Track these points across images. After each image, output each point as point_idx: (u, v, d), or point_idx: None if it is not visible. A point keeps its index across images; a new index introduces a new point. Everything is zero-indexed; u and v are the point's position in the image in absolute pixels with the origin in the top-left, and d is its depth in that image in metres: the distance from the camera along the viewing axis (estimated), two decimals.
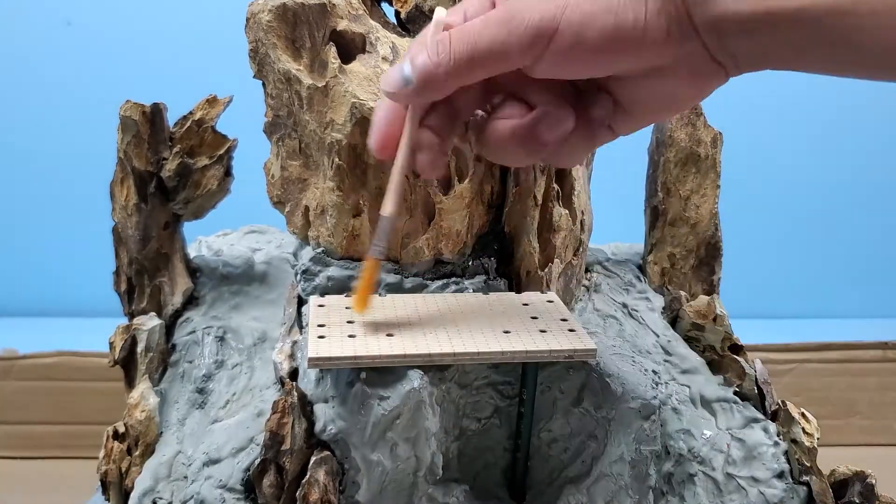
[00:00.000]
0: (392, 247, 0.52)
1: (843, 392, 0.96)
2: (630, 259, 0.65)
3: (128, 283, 0.58)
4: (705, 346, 0.57)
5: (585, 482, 0.48)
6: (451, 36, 0.36)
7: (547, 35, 0.35)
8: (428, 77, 0.37)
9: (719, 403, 0.53)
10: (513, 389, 0.49)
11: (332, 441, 0.43)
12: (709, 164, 0.60)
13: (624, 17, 0.34)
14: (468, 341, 0.44)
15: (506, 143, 0.39)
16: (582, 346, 0.44)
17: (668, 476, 0.51)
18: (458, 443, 0.49)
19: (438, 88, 0.38)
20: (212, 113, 0.56)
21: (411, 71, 0.37)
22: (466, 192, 0.50)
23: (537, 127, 0.38)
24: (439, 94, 0.38)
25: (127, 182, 0.56)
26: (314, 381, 0.45)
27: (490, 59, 0.36)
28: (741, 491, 0.49)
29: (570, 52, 0.35)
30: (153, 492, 0.47)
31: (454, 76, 0.37)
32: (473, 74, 0.37)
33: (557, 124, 0.38)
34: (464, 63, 0.36)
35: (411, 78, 0.37)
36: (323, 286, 0.51)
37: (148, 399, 0.51)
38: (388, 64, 0.50)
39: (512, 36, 0.35)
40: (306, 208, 0.53)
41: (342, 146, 0.49)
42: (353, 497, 0.44)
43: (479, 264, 0.52)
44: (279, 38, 0.50)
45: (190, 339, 0.56)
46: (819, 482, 0.49)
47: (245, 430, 0.47)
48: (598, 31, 0.34)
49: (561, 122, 0.38)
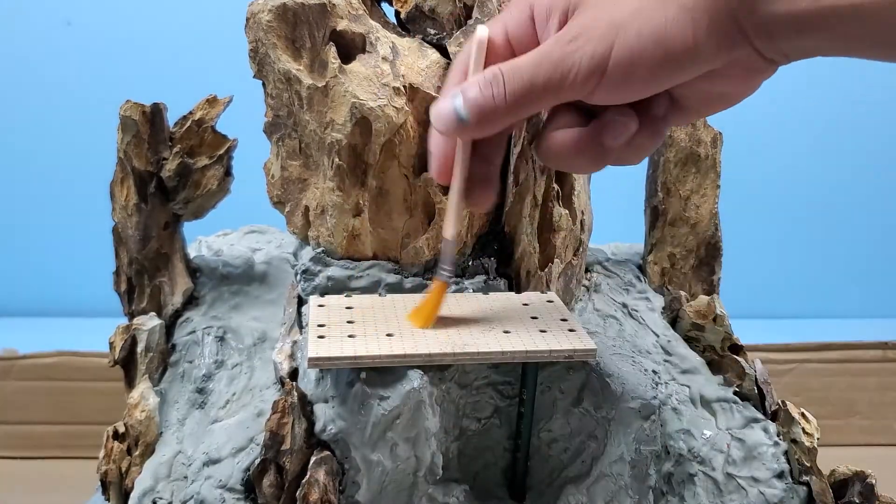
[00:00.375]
0: (393, 246, 0.52)
1: (843, 392, 0.96)
2: (630, 259, 0.65)
3: (128, 283, 0.58)
4: (705, 346, 0.57)
5: (585, 482, 0.48)
6: (504, 74, 0.37)
7: (598, 74, 0.35)
8: (483, 115, 0.38)
9: (719, 403, 0.53)
10: (513, 389, 0.49)
11: (332, 441, 0.43)
12: (709, 164, 0.60)
13: (673, 45, 0.34)
14: (468, 341, 0.44)
15: (569, 153, 0.39)
16: (582, 346, 0.44)
17: (668, 476, 0.51)
18: (458, 443, 0.49)
19: (494, 126, 0.38)
20: (212, 113, 0.56)
21: (464, 108, 0.38)
22: None
23: (601, 135, 0.38)
24: (494, 130, 0.39)
25: (127, 182, 0.56)
26: (314, 381, 0.45)
27: (545, 97, 0.37)
28: (741, 491, 0.49)
29: (623, 85, 0.36)
30: (153, 492, 0.47)
31: (510, 114, 0.37)
32: (528, 111, 0.38)
33: (622, 130, 0.38)
34: (519, 102, 0.37)
35: (466, 117, 0.38)
36: (323, 286, 0.51)
37: (148, 399, 0.51)
38: (388, 64, 0.50)
39: (566, 78, 0.36)
40: (306, 208, 0.53)
41: (342, 146, 0.49)
42: (353, 497, 0.44)
43: (479, 264, 0.52)
44: (279, 38, 0.50)
45: (190, 339, 0.56)
46: (819, 482, 0.49)
47: (245, 430, 0.47)
48: (647, 64, 0.34)
49: (625, 126, 0.38)
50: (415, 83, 0.50)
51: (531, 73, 0.36)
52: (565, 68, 0.35)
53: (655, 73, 0.35)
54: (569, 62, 0.35)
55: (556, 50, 0.36)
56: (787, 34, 0.33)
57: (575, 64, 0.35)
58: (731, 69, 0.36)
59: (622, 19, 0.35)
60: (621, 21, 0.34)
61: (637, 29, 0.34)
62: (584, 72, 0.35)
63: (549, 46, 0.36)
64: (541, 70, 0.36)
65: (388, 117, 0.48)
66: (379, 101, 0.48)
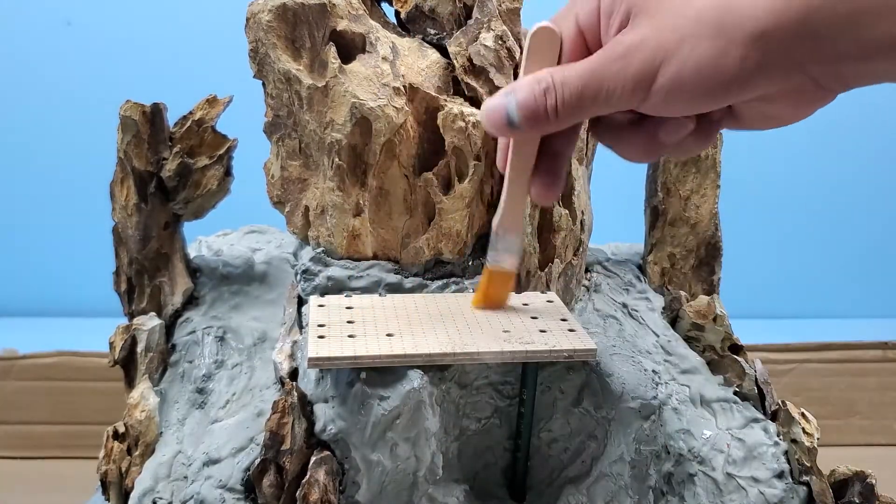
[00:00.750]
0: (394, 246, 0.52)
1: (843, 392, 0.96)
2: (630, 259, 0.65)
3: (128, 283, 0.58)
4: (705, 346, 0.57)
5: (585, 482, 0.48)
6: (554, 80, 0.38)
7: (642, 94, 0.36)
8: (533, 118, 0.39)
9: (719, 403, 0.53)
10: (513, 389, 0.49)
11: (332, 441, 0.43)
12: (709, 164, 0.60)
13: (720, 77, 0.34)
14: (468, 341, 0.44)
15: (622, 137, 0.40)
16: (582, 346, 0.44)
17: (668, 476, 0.51)
18: (458, 443, 0.49)
19: (543, 129, 0.40)
20: (212, 113, 0.56)
21: (516, 110, 0.39)
22: (466, 192, 0.50)
23: (658, 129, 0.39)
24: (544, 132, 0.40)
25: (127, 182, 0.56)
26: (314, 381, 0.45)
27: (593, 109, 0.38)
28: (741, 491, 0.49)
29: (667, 107, 0.36)
30: (153, 492, 0.47)
31: (559, 122, 0.38)
32: (577, 119, 0.39)
33: (679, 129, 0.38)
34: (568, 112, 0.38)
35: (516, 119, 0.39)
36: (323, 286, 0.51)
37: (148, 399, 0.51)
38: (388, 64, 0.50)
39: (611, 95, 0.36)
40: (306, 208, 0.53)
41: (342, 146, 0.49)
42: (353, 497, 0.44)
43: (479, 264, 0.52)
44: (279, 38, 0.50)
45: (190, 339, 0.56)
46: (819, 482, 0.49)
47: (245, 430, 0.47)
48: (692, 91, 0.35)
49: (683, 126, 0.38)
50: (415, 83, 0.50)
51: (582, 85, 0.37)
52: (610, 86, 0.36)
53: (699, 99, 0.35)
54: (614, 81, 0.36)
55: (604, 66, 0.37)
56: (849, 65, 0.33)
57: (619, 83, 0.36)
58: (784, 96, 0.35)
59: (671, 44, 0.34)
60: (670, 45, 0.35)
61: (685, 57, 0.34)
62: (627, 92, 0.36)
63: (598, 61, 0.37)
64: (591, 83, 0.37)
65: (388, 117, 0.48)
66: (379, 101, 0.48)
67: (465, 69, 0.51)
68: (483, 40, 0.51)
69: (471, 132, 0.49)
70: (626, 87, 0.36)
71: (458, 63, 0.51)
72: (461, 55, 0.51)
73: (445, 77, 0.52)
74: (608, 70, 0.36)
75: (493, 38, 0.51)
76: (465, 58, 0.51)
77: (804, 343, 0.98)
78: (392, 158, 0.50)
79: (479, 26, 0.51)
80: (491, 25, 0.51)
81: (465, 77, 0.51)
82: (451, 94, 0.52)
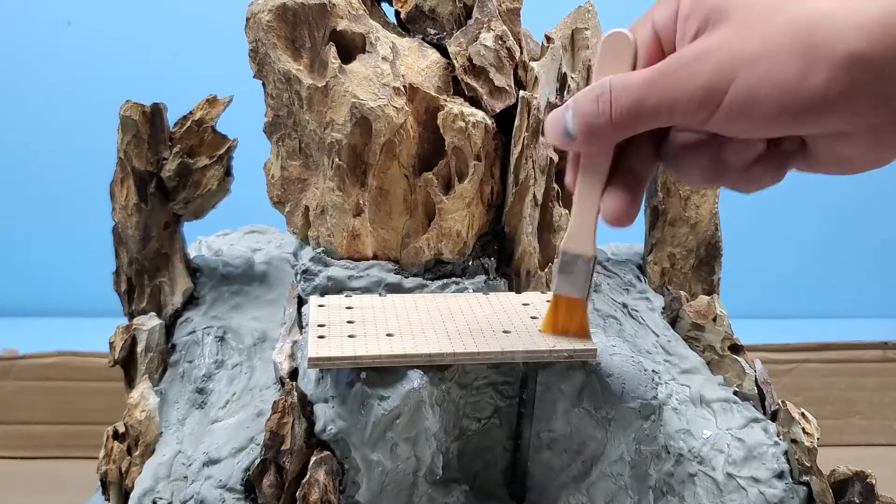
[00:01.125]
0: (394, 246, 0.52)
1: (843, 392, 0.96)
2: (630, 259, 0.65)
3: (128, 283, 0.58)
4: (705, 346, 0.57)
5: (585, 482, 0.48)
6: (612, 91, 0.35)
7: (711, 106, 0.33)
8: (587, 128, 0.36)
9: (719, 403, 0.53)
10: (513, 389, 0.49)
11: (332, 441, 0.43)
12: None
13: (800, 98, 0.31)
14: (468, 341, 0.44)
15: (687, 157, 0.37)
16: (582, 346, 0.44)
17: (668, 476, 0.51)
18: (458, 443, 0.49)
19: (601, 140, 0.37)
20: (212, 113, 0.56)
21: (572, 121, 0.36)
22: (466, 192, 0.50)
23: (724, 148, 0.35)
24: (603, 146, 0.37)
25: (127, 182, 0.56)
26: (314, 381, 0.45)
27: (654, 120, 0.35)
28: (741, 491, 0.49)
29: (737, 124, 0.33)
30: (153, 492, 0.47)
31: (617, 130, 0.36)
32: (637, 130, 0.36)
33: (747, 149, 0.35)
34: (626, 122, 0.35)
35: (573, 132, 0.37)
36: (323, 286, 0.51)
37: (148, 399, 0.51)
38: (388, 64, 0.50)
39: (676, 105, 0.34)
40: (306, 208, 0.53)
41: (342, 146, 0.49)
42: (353, 497, 0.44)
43: (479, 264, 0.52)
44: (279, 38, 0.50)
45: (190, 339, 0.56)
46: (819, 482, 0.49)
47: (245, 430, 0.47)
48: (767, 110, 0.32)
49: (751, 147, 0.35)
50: (415, 83, 0.50)
51: (642, 94, 0.34)
52: (676, 94, 0.33)
53: (774, 120, 0.32)
54: (681, 88, 0.33)
55: (669, 74, 0.34)
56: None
57: (687, 91, 0.33)
58: (863, 135, 0.32)
59: (750, 55, 0.31)
60: (749, 57, 0.31)
61: (764, 71, 0.31)
62: (696, 101, 0.33)
63: (664, 68, 0.34)
64: (652, 91, 0.34)
65: (388, 117, 0.48)
66: (379, 101, 0.48)
67: (465, 69, 0.51)
68: (483, 40, 0.51)
69: (471, 132, 0.49)
70: (693, 99, 0.33)
71: (458, 63, 0.51)
72: (461, 55, 0.51)
73: (445, 77, 0.52)
74: (674, 78, 0.33)
75: (493, 38, 0.51)
76: (465, 58, 0.51)
77: (804, 343, 0.98)
78: (392, 158, 0.50)
79: (479, 26, 0.51)
80: (491, 25, 0.51)
81: (465, 77, 0.51)
82: (451, 94, 0.52)
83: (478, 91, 0.51)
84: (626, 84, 0.35)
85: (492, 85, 0.51)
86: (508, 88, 0.51)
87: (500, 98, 0.51)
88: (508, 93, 0.51)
